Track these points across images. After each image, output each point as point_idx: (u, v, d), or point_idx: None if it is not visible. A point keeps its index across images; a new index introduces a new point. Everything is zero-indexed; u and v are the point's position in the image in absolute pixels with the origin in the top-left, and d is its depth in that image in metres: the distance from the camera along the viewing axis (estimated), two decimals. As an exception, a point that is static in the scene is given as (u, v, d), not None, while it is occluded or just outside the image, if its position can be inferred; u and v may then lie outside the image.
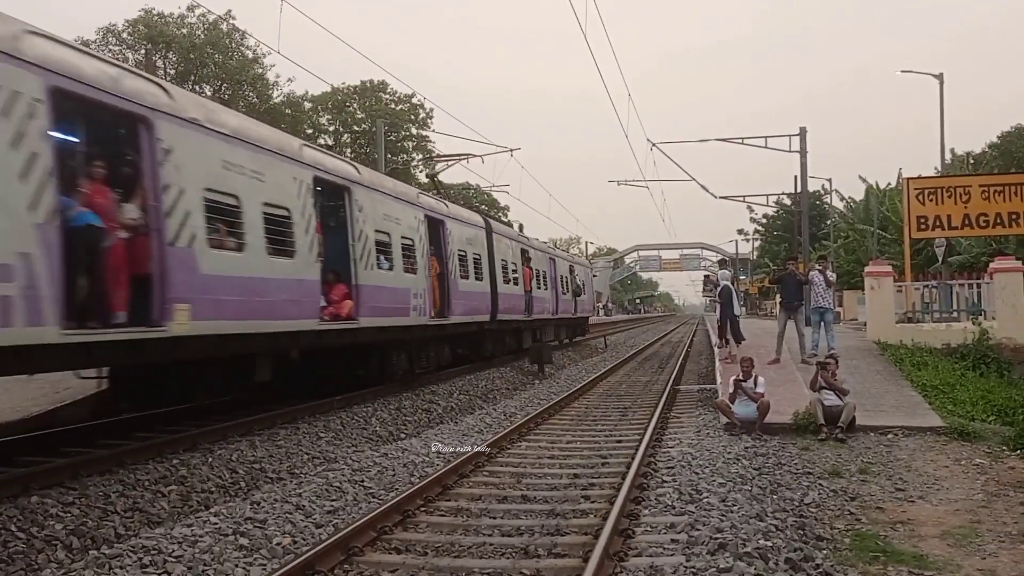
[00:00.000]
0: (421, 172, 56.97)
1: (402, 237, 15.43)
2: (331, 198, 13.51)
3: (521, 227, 32.40)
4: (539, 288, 26.54)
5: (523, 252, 25.30)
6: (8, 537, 6.34)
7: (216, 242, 9.63)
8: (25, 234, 6.96)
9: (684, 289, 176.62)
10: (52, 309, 7.17)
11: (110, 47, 44.41)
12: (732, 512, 6.85)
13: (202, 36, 46.92)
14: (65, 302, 7.34)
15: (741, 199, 41.47)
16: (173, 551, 6.13)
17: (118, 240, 8.40)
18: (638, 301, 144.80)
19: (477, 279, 19.85)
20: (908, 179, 23.24)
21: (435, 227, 17.49)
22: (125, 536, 6.90)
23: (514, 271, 23.48)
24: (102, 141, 9.00)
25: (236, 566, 5.95)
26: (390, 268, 14.74)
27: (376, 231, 14.21)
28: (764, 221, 68.36)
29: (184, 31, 46.65)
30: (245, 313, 10.15)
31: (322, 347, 12.95)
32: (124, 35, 46.07)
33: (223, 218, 9.79)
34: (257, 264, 10.40)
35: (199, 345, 9.52)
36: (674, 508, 7.21)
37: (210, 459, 9.17)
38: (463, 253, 19.02)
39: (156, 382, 10.98)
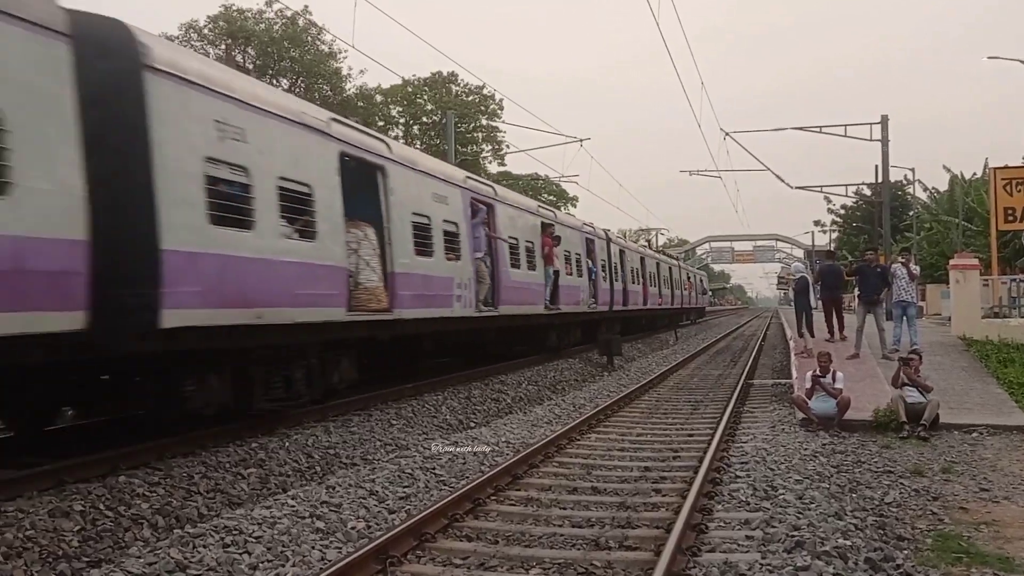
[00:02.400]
0: (491, 164, 57.25)
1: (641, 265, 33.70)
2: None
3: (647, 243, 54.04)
4: (691, 292, 50.01)
5: (688, 274, 50.41)
6: (97, 515, 6.59)
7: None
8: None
9: (757, 281, 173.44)
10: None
11: (192, 42, 45.69)
12: (809, 510, 6.70)
13: (279, 31, 47.88)
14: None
15: (818, 189, 40.38)
16: (253, 532, 6.29)
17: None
18: (709, 293, 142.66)
19: (671, 289, 40.56)
20: (995, 169, 22.27)
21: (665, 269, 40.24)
22: (208, 516, 7.11)
23: (685, 284, 47.03)
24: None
25: (313, 548, 6.08)
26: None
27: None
28: (842, 212, 66.47)
29: (262, 26, 47.68)
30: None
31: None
32: (205, 31, 47.36)
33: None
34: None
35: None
36: (748, 504, 7.08)
37: (287, 444, 9.39)
38: (673, 278, 41.71)
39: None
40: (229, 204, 8.54)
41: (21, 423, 9.01)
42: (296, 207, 9.74)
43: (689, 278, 50.62)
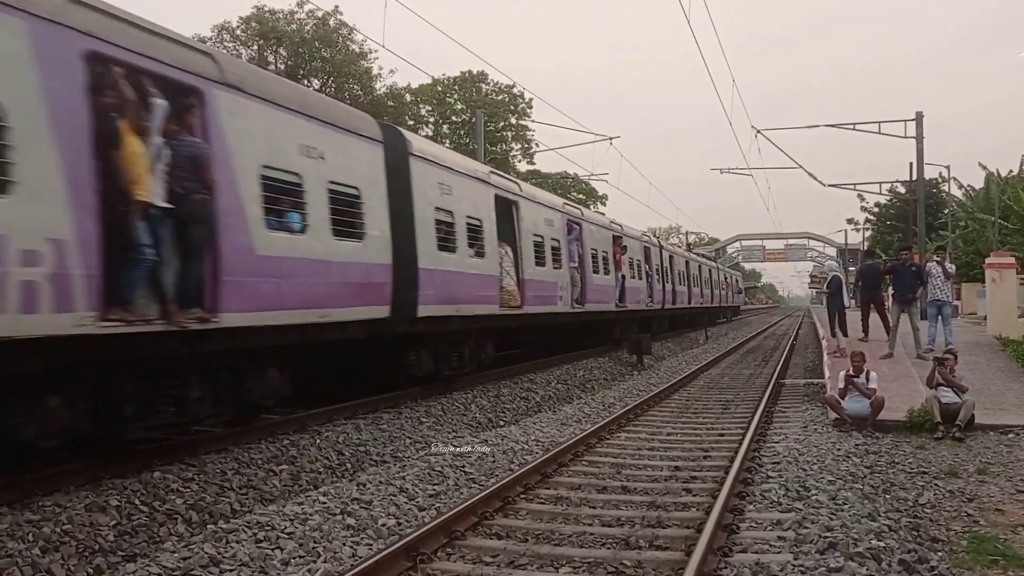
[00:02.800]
0: (520, 162, 57.26)
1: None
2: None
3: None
4: (728, 291, 55.72)
5: (724, 275, 55.52)
6: (132, 510, 6.69)
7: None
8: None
9: (789, 280, 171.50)
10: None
11: (224, 43, 46.16)
12: (842, 511, 6.63)
13: (310, 31, 48.21)
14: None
15: (851, 187, 39.73)
16: (285, 528, 6.35)
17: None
18: (744, 292, 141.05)
19: (710, 289, 45.90)
20: (1033, 166, 21.90)
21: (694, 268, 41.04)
22: (240, 512, 7.20)
23: (723, 284, 52.28)
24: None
25: (344, 544, 6.12)
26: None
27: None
28: (876, 210, 65.57)
29: (294, 27, 48.05)
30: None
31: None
32: (238, 32, 47.82)
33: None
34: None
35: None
36: (780, 505, 7.03)
37: (318, 440, 9.47)
38: (712, 279, 47.42)
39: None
40: (445, 236, 12.86)
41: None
42: (475, 235, 14.05)
43: (726, 279, 56.38)
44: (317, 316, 9.50)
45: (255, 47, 46.97)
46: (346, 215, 10.08)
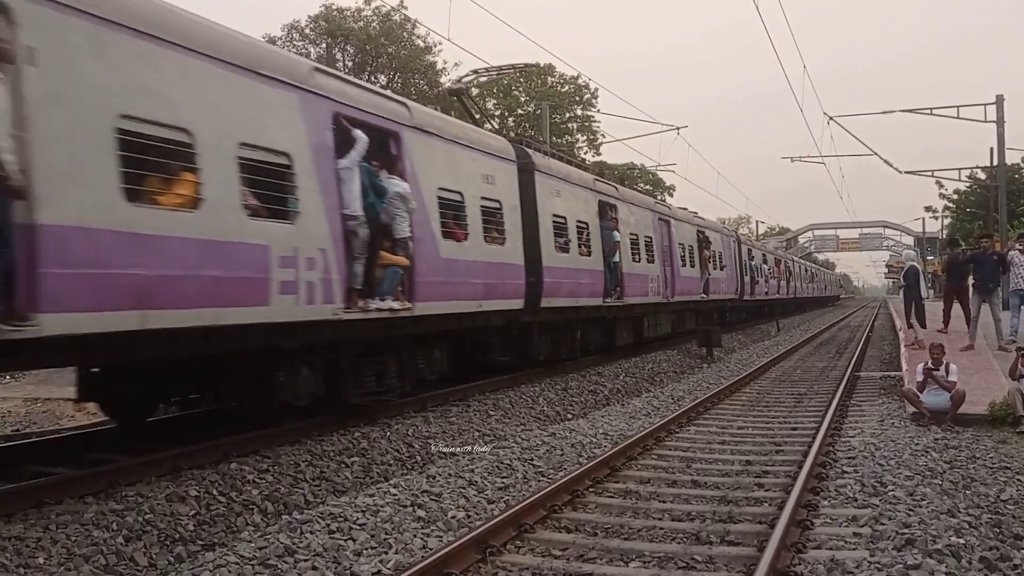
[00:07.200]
0: (586, 154, 56.92)
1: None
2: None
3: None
4: (833, 286, 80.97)
5: (829, 276, 77.95)
6: (210, 501, 6.90)
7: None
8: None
9: (864, 270, 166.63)
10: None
11: (294, 43, 47.02)
12: (921, 507, 6.45)
13: (377, 28, 48.73)
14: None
15: (929, 174, 38.52)
16: (357, 519, 6.46)
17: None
18: (843, 287, 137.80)
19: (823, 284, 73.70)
20: None
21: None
22: (314, 503, 7.35)
23: (826, 279, 75.76)
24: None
25: (415, 536, 6.20)
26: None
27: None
28: (955, 197, 63.27)
29: (360, 24, 48.63)
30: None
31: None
32: (306, 31, 48.63)
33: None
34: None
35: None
36: (856, 500, 6.87)
37: (388, 433, 9.61)
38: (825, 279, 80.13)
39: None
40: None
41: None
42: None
43: (833, 279, 78.69)
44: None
45: (323, 45, 47.75)
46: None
